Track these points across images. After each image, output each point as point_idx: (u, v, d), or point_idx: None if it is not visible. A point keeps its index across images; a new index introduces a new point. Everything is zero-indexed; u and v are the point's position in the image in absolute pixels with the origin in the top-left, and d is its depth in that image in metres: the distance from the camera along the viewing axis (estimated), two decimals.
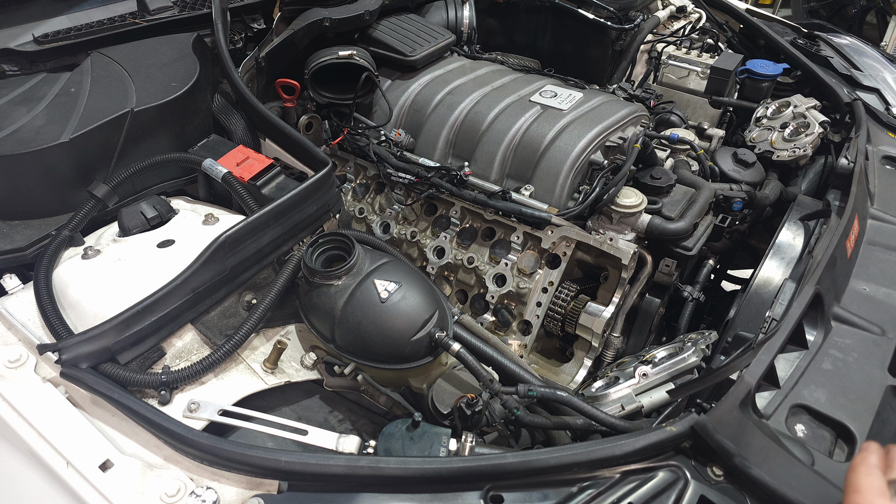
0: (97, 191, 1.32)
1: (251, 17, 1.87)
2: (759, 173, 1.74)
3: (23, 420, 0.96)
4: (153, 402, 1.04)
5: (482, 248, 1.60)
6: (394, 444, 1.02)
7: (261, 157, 1.40)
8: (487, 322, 1.56)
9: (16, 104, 1.38)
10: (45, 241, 1.27)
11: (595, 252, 1.50)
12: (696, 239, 1.51)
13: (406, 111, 1.77)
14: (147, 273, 1.14)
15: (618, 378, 1.26)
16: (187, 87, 1.47)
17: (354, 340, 1.14)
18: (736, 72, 1.98)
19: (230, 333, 1.12)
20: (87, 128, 1.31)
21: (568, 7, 2.21)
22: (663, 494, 0.93)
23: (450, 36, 1.96)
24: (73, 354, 1.01)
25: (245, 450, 0.91)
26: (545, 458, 0.92)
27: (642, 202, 1.47)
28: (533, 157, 1.56)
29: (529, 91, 1.73)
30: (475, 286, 1.61)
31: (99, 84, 1.44)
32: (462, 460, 0.94)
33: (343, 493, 0.91)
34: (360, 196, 1.83)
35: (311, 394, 1.22)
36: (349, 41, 1.88)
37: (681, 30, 2.40)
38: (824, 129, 1.76)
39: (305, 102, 1.85)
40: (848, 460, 0.99)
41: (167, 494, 0.89)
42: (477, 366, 1.12)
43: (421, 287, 1.18)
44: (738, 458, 0.90)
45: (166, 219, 1.32)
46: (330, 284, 1.15)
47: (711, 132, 1.87)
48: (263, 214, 1.19)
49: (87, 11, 1.68)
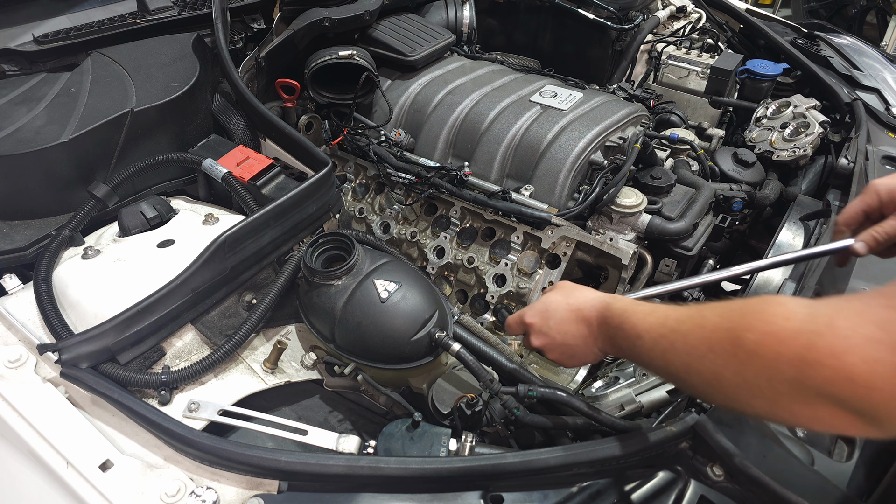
0: (97, 191, 1.32)
1: (251, 17, 1.87)
2: (760, 173, 1.74)
3: (23, 420, 0.96)
4: (153, 402, 1.04)
5: (482, 248, 1.60)
6: (394, 444, 1.02)
7: (261, 157, 1.40)
8: (487, 322, 1.56)
9: (16, 104, 1.38)
10: (45, 241, 1.27)
11: (595, 252, 1.50)
12: (696, 239, 1.51)
13: (406, 111, 1.77)
14: (147, 273, 1.14)
15: (618, 378, 1.26)
16: (187, 87, 1.47)
17: (354, 340, 1.14)
18: (736, 72, 1.98)
19: (230, 333, 1.12)
20: (87, 128, 1.31)
21: (568, 7, 2.21)
22: (663, 494, 0.93)
23: (450, 36, 1.96)
24: (73, 354, 1.01)
25: (245, 450, 0.91)
26: (545, 458, 0.92)
27: (642, 202, 1.47)
28: (533, 157, 1.56)
29: (529, 91, 1.73)
30: (475, 286, 1.61)
31: (99, 84, 1.44)
32: (462, 460, 0.94)
33: (343, 493, 0.91)
34: (360, 196, 1.83)
35: (310, 394, 1.22)
36: (349, 41, 1.88)
37: (681, 30, 2.40)
38: (824, 130, 1.76)
39: (305, 102, 1.85)
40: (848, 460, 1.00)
41: (167, 494, 0.89)
42: (477, 366, 1.12)
43: (421, 287, 1.18)
44: (739, 458, 0.90)
45: (166, 219, 1.32)
46: (330, 284, 1.15)
47: (711, 132, 1.87)
48: (263, 214, 1.19)
49: (87, 11, 1.68)
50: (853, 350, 0.58)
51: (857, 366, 0.58)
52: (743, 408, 0.71)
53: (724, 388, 0.71)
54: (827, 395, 0.60)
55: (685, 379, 0.77)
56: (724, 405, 0.84)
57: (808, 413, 0.63)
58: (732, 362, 0.68)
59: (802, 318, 0.63)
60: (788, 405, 0.64)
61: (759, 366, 0.65)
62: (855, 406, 0.59)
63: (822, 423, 0.63)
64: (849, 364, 0.58)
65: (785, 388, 0.63)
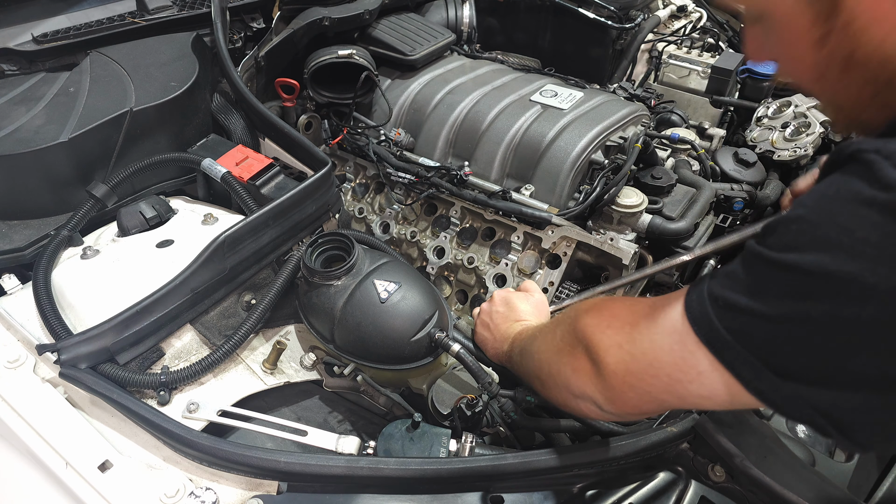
0: (96, 190, 1.32)
1: (250, 16, 1.87)
2: (761, 173, 1.73)
3: (22, 420, 0.96)
4: (152, 402, 1.04)
5: (482, 248, 1.59)
6: (393, 444, 1.02)
7: (260, 156, 1.40)
8: None
9: (15, 104, 1.38)
10: (44, 240, 1.26)
11: (595, 252, 1.49)
12: (697, 239, 1.51)
13: (406, 110, 1.77)
14: (146, 273, 1.14)
15: None
16: (186, 86, 1.46)
17: (354, 341, 1.13)
18: (737, 71, 1.98)
19: (229, 334, 1.12)
20: (86, 127, 1.30)
21: (568, 6, 2.20)
22: (664, 495, 0.93)
23: (450, 35, 1.95)
24: (72, 355, 1.00)
25: (244, 450, 0.91)
26: (545, 459, 0.92)
27: (643, 202, 1.47)
28: (533, 157, 1.55)
29: (530, 90, 1.73)
30: (475, 286, 1.61)
31: (98, 83, 1.44)
32: (462, 461, 0.94)
33: (343, 494, 0.91)
34: (359, 196, 1.82)
35: (310, 394, 1.22)
36: (349, 40, 1.87)
37: (681, 29, 2.40)
38: (825, 129, 1.76)
39: (305, 102, 1.85)
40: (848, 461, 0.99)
41: (166, 495, 0.89)
42: (476, 367, 1.12)
43: (421, 287, 1.18)
44: (739, 459, 0.90)
45: (165, 219, 1.32)
46: (329, 285, 1.15)
47: (712, 132, 1.86)
48: (263, 214, 1.18)
49: (86, 11, 1.67)
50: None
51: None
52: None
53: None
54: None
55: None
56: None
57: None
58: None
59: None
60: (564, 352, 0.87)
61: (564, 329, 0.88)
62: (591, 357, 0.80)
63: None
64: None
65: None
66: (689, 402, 0.73)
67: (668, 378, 0.70)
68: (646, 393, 0.73)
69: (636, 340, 0.74)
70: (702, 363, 0.66)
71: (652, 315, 0.73)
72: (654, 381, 0.72)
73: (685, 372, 0.68)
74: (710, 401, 0.69)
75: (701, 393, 0.68)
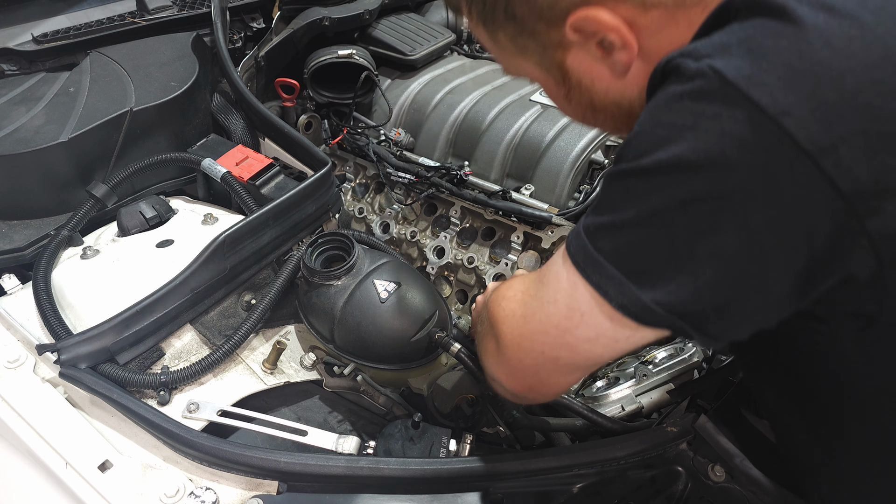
0: (96, 190, 1.32)
1: (250, 16, 1.87)
2: None
3: (22, 420, 0.96)
4: (152, 402, 1.04)
5: (482, 248, 1.59)
6: (393, 444, 1.02)
7: (260, 156, 1.40)
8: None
9: (15, 104, 1.38)
10: (44, 240, 1.26)
11: None
12: None
13: (406, 110, 1.77)
14: (146, 273, 1.14)
15: (618, 378, 1.26)
16: (186, 86, 1.46)
17: (354, 341, 1.13)
18: None
19: (229, 334, 1.12)
20: (86, 127, 1.30)
21: None
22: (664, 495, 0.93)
23: (450, 35, 1.95)
24: (72, 355, 1.00)
25: (244, 450, 0.91)
26: (545, 459, 0.92)
27: None
28: (533, 157, 1.56)
29: (530, 90, 1.73)
30: (475, 286, 1.61)
31: (98, 83, 1.44)
32: (462, 461, 0.94)
33: (343, 494, 0.91)
34: (359, 196, 1.82)
35: (310, 394, 1.22)
36: (349, 40, 1.88)
37: None
38: None
39: (305, 102, 1.85)
40: None
41: (166, 495, 0.89)
42: (476, 367, 1.11)
43: (421, 287, 1.18)
44: (739, 459, 0.90)
45: (165, 219, 1.32)
46: (329, 284, 1.15)
47: None
48: (263, 214, 1.18)
49: (86, 11, 1.67)
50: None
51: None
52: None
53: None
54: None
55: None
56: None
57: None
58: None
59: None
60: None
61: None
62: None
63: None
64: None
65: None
66: (582, 353, 0.70)
67: (557, 329, 0.69)
68: (540, 354, 0.72)
69: (526, 303, 0.74)
70: (583, 300, 0.66)
71: (541, 272, 0.74)
72: (545, 337, 0.71)
73: (570, 318, 0.68)
74: (598, 342, 0.68)
75: (588, 335, 0.67)
